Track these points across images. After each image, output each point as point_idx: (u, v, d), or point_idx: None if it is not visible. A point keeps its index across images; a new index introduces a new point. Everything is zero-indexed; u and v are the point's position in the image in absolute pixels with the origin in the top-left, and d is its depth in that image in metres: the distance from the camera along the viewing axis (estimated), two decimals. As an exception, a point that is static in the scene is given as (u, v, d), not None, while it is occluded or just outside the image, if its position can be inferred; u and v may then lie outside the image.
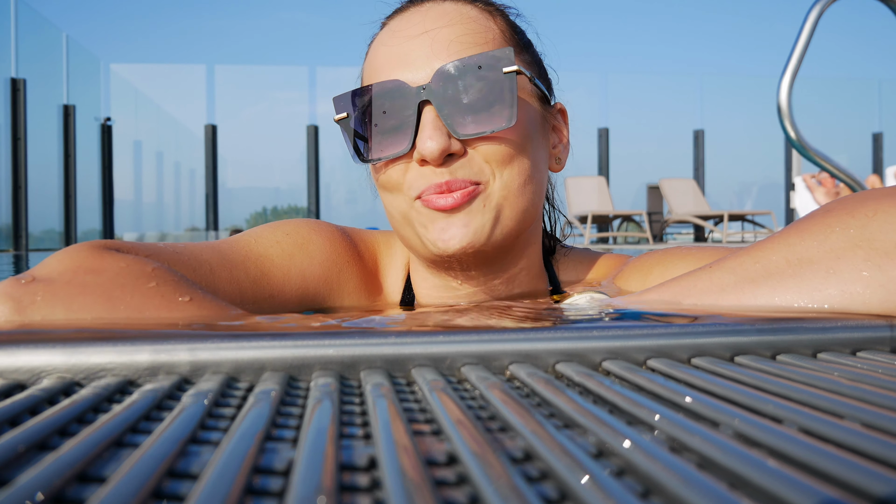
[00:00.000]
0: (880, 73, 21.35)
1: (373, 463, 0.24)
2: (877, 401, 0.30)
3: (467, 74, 0.74)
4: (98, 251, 0.60)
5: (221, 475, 0.21)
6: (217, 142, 11.56)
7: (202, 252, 0.73)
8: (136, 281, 0.56)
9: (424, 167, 0.75)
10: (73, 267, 0.56)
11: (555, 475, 0.22)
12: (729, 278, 0.56)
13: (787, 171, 12.29)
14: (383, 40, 0.80)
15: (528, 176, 0.78)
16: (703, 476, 0.21)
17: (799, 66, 1.82)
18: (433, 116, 0.73)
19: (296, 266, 0.82)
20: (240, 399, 0.33)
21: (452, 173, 0.74)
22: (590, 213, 8.83)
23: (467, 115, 0.74)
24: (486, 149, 0.75)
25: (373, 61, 0.81)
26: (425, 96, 0.73)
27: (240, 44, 36.07)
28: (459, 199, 0.74)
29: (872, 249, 0.50)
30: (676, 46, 30.31)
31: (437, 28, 0.76)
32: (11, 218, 8.97)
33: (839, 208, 0.55)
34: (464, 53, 0.75)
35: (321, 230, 0.87)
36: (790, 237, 0.55)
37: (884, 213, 0.52)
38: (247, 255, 0.78)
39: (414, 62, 0.75)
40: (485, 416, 0.30)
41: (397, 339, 0.39)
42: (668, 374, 0.36)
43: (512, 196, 0.77)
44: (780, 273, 0.53)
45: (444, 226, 0.75)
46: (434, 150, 0.72)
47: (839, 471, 0.21)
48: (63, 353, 0.36)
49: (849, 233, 0.52)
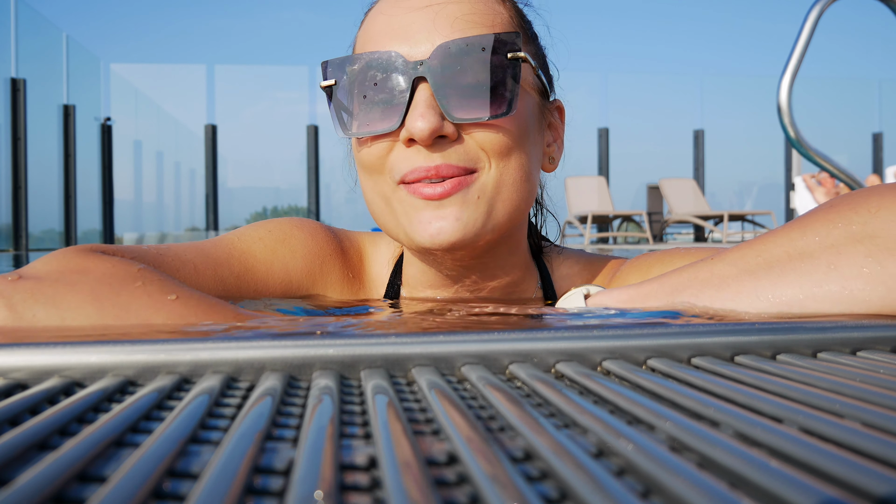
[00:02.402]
0: (880, 73, 21.37)
1: (373, 463, 0.24)
2: (877, 401, 0.30)
3: (470, 54, 0.69)
4: (84, 253, 0.60)
5: (221, 475, 0.21)
6: (217, 142, 11.55)
7: (185, 252, 0.73)
8: (122, 281, 0.56)
9: (411, 148, 0.71)
10: (60, 268, 0.57)
11: (555, 475, 0.22)
12: (730, 270, 0.56)
13: (787, 171, 12.29)
14: (382, 8, 0.76)
15: (523, 172, 0.74)
16: (703, 476, 0.21)
17: (799, 65, 1.82)
18: (427, 95, 0.69)
19: (278, 260, 0.82)
20: (240, 399, 0.33)
21: (445, 158, 0.69)
22: (590, 213, 8.82)
23: (464, 97, 0.69)
24: (482, 136, 0.71)
25: (369, 29, 0.76)
26: (422, 72, 0.69)
27: (240, 44, 36.07)
28: (450, 189, 0.69)
29: (874, 245, 0.50)
30: (676, 46, 30.33)
31: (443, 3, 0.72)
32: (11, 218, 8.96)
33: (842, 204, 0.55)
34: (467, 32, 0.71)
35: (303, 226, 0.87)
36: (792, 232, 0.55)
37: (887, 209, 0.52)
38: (230, 252, 0.78)
39: (414, 35, 0.71)
40: (485, 416, 0.30)
41: (397, 339, 0.39)
42: (668, 374, 0.36)
43: (506, 190, 0.72)
44: (780, 266, 0.53)
45: (432, 217, 0.70)
46: (424, 130, 0.67)
47: (839, 471, 0.21)
48: (63, 353, 0.36)
49: (851, 228, 0.52)
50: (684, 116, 15.32)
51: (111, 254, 0.63)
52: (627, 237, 10.14)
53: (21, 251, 8.53)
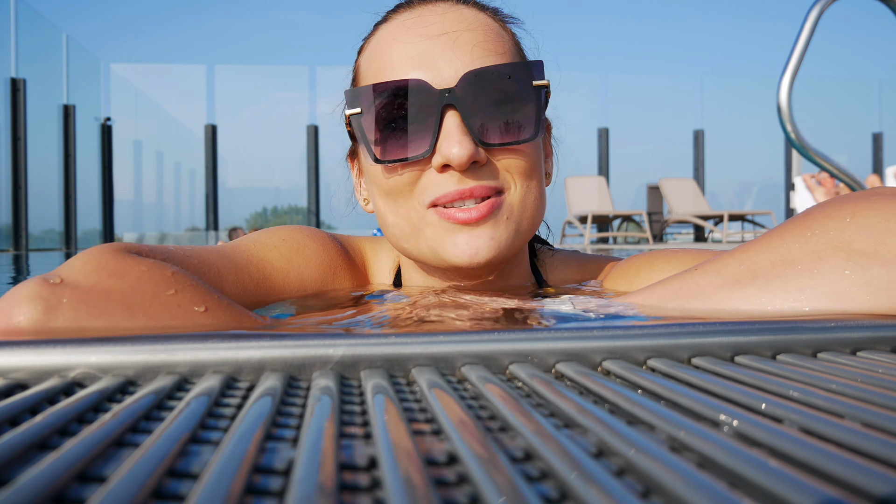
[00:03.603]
0: (880, 73, 21.36)
1: (373, 463, 0.24)
2: (877, 401, 0.30)
3: (496, 82, 0.73)
4: (120, 254, 0.59)
5: (221, 475, 0.21)
6: (217, 142, 11.56)
7: (209, 255, 0.73)
8: (156, 287, 0.56)
9: (443, 173, 0.74)
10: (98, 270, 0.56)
11: (555, 475, 0.22)
12: (715, 280, 0.56)
13: (787, 171, 12.30)
14: (396, 35, 0.78)
15: (541, 190, 0.80)
16: (703, 476, 0.21)
17: (799, 65, 1.82)
18: (458, 122, 0.72)
19: (294, 269, 0.83)
20: (240, 399, 0.33)
21: (477, 180, 0.73)
22: (590, 213, 8.82)
23: (493, 123, 0.73)
24: (508, 160, 0.75)
25: (381, 56, 0.78)
26: (450, 100, 0.71)
27: (240, 44, 36.09)
28: (485, 212, 0.73)
29: (852, 251, 0.51)
30: (676, 46, 30.35)
31: (459, 31, 0.75)
32: (11, 218, 8.97)
33: (818, 212, 0.55)
34: (487, 60, 0.74)
35: (314, 236, 0.89)
36: (772, 240, 0.56)
37: (860, 216, 0.52)
38: (249, 258, 0.79)
39: (436, 62, 0.73)
40: (485, 416, 0.30)
41: (397, 340, 0.39)
42: (668, 374, 0.36)
43: (530, 208, 0.78)
44: (765, 274, 0.54)
45: (468, 238, 0.74)
46: (462, 156, 0.70)
47: (839, 471, 0.21)
48: (63, 353, 0.36)
49: (828, 235, 0.52)
50: (684, 116, 15.33)
51: (145, 254, 0.62)
52: (627, 237, 10.14)
53: (21, 251, 8.53)
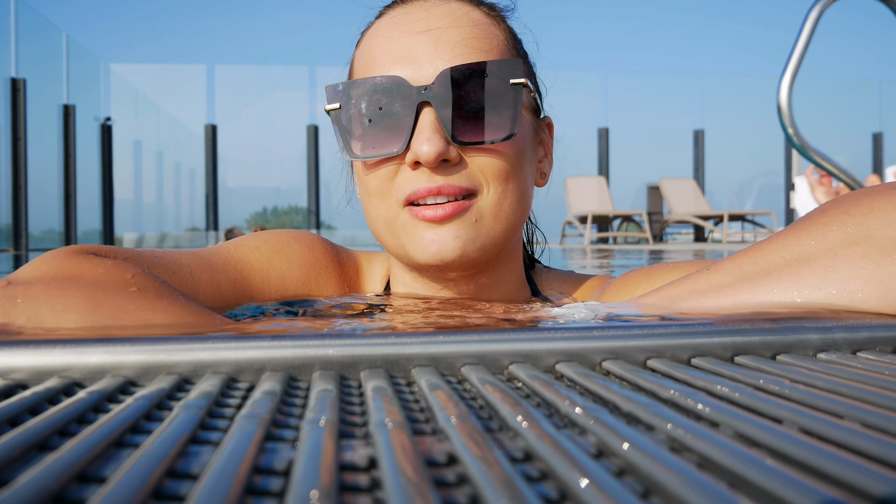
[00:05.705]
0: (880, 73, 21.33)
1: (373, 463, 0.24)
2: (877, 401, 0.30)
3: (472, 80, 0.72)
4: (75, 256, 0.58)
5: (221, 475, 0.21)
6: (217, 142, 11.55)
7: (182, 257, 0.73)
8: (116, 286, 0.54)
9: (416, 170, 0.73)
10: (51, 272, 0.54)
11: (555, 475, 0.22)
12: (726, 279, 0.56)
13: (787, 171, 12.29)
14: (383, 31, 0.78)
15: (520, 193, 0.77)
16: (703, 476, 0.21)
17: (799, 66, 1.82)
18: (432, 119, 0.71)
19: (274, 269, 0.83)
20: (240, 399, 0.33)
21: (447, 179, 0.72)
22: (590, 213, 8.82)
23: (468, 121, 0.72)
24: (482, 160, 0.73)
25: (369, 52, 0.78)
26: (426, 97, 0.71)
27: (240, 44, 36.09)
28: (450, 211, 0.72)
29: (870, 246, 0.50)
30: (676, 46, 30.35)
31: (443, 27, 0.74)
32: (11, 218, 8.96)
33: (835, 207, 0.55)
34: (469, 57, 0.73)
35: (300, 238, 0.88)
36: (787, 238, 0.55)
37: (880, 209, 0.52)
38: (227, 259, 0.79)
39: (416, 59, 0.73)
40: (485, 416, 0.30)
41: (397, 339, 0.39)
42: (668, 374, 0.36)
43: (503, 213, 0.75)
44: (778, 272, 0.53)
45: (433, 236, 0.73)
46: (430, 154, 0.70)
47: (839, 471, 0.21)
48: (63, 353, 0.36)
49: (846, 230, 0.52)
50: (684, 116, 15.31)
51: (104, 255, 0.61)
52: (627, 237, 10.14)
53: (21, 251, 8.52)
